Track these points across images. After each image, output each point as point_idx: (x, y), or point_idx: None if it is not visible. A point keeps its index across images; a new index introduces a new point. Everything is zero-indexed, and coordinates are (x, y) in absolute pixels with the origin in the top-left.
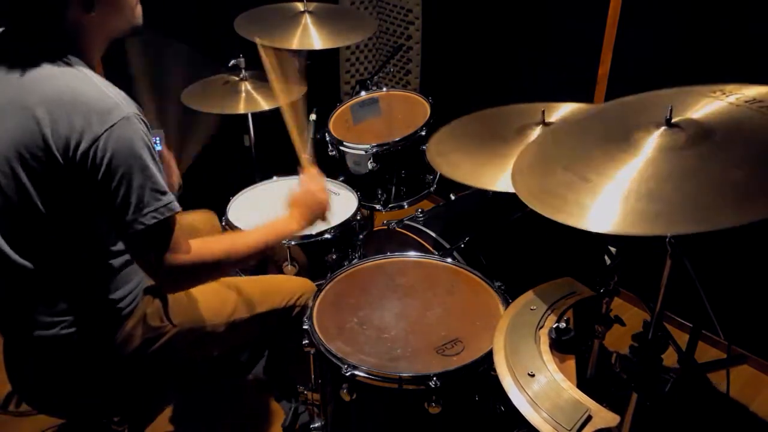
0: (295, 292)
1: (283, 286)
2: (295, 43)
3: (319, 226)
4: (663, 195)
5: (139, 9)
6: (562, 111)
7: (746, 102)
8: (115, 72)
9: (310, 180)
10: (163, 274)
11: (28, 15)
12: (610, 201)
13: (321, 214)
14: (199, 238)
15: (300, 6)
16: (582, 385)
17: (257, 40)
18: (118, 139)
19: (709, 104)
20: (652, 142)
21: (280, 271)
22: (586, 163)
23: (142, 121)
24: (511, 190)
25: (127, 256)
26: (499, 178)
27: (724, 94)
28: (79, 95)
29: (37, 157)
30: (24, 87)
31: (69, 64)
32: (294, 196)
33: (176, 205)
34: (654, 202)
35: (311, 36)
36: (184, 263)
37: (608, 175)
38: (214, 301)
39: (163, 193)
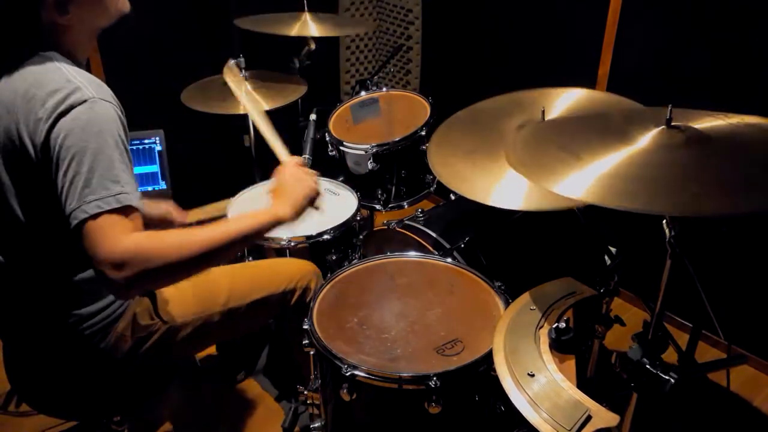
0: (294, 276)
1: (280, 270)
2: (294, 33)
3: (314, 225)
4: (646, 178)
5: None
6: (561, 99)
7: (746, 125)
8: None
9: (289, 167)
10: (103, 273)
11: (1, 17)
12: (593, 175)
13: (312, 197)
14: (147, 231)
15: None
16: (582, 385)
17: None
18: (74, 120)
19: (711, 121)
20: (650, 137)
21: None
22: (581, 146)
23: (114, 110)
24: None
25: None
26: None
27: (728, 117)
28: (43, 84)
29: (16, 156)
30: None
31: (41, 59)
32: (274, 184)
33: (128, 198)
34: (635, 183)
35: (309, 28)
36: (121, 260)
37: (600, 156)
38: (204, 291)
39: (116, 182)
